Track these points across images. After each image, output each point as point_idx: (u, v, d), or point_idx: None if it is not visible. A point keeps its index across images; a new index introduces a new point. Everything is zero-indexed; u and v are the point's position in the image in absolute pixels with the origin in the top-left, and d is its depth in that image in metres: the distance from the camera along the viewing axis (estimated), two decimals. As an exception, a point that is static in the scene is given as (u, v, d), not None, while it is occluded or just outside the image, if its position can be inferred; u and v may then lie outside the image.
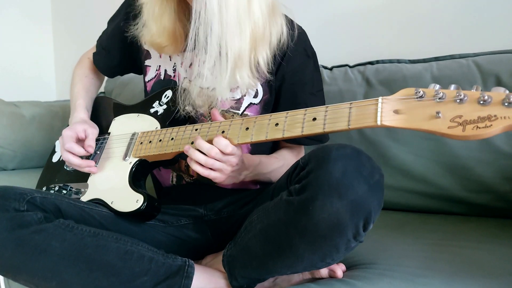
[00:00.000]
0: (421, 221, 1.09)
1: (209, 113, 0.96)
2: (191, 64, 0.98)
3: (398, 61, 1.26)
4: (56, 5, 2.42)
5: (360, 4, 1.44)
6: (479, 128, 0.56)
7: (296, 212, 0.66)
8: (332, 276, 0.79)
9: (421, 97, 0.62)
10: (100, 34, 1.18)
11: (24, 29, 2.32)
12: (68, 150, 0.94)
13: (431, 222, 1.08)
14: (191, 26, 0.82)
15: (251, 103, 0.97)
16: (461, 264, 0.78)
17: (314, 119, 0.72)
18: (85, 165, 0.94)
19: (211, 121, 0.86)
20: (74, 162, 0.94)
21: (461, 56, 1.17)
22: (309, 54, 1.00)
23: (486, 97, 0.56)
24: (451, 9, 1.29)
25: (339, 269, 0.79)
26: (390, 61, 1.28)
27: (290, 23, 0.95)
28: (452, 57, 1.19)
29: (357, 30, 1.45)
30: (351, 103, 0.69)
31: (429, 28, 1.33)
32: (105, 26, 1.17)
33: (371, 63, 1.30)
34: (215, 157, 0.79)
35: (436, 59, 1.21)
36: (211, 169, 0.80)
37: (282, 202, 0.69)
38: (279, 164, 0.96)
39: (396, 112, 0.63)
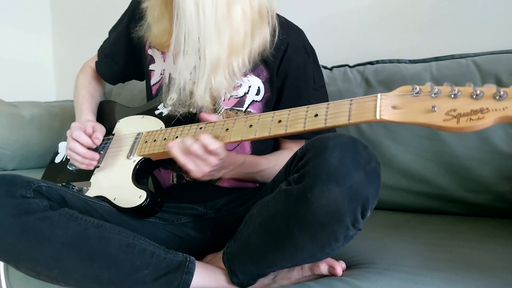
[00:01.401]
0: (420, 221, 1.09)
1: (214, 113, 0.98)
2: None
3: (398, 61, 1.27)
4: (56, 6, 2.42)
5: (360, 4, 1.44)
6: (472, 120, 0.59)
7: (295, 201, 0.66)
8: (331, 273, 0.79)
9: (417, 93, 0.66)
10: (99, 34, 1.20)
11: (24, 29, 2.32)
12: (75, 138, 0.94)
13: (429, 222, 1.08)
14: (173, 30, 0.85)
15: (253, 101, 0.98)
16: (459, 263, 0.79)
17: (316, 115, 0.74)
18: (89, 156, 0.95)
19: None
20: (79, 150, 0.94)
21: (461, 56, 1.17)
22: (308, 51, 1.02)
23: (478, 92, 0.60)
24: (451, 9, 1.29)
25: (339, 266, 0.79)
26: (390, 61, 1.28)
27: (287, 23, 0.96)
28: (452, 57, 1.19)
29: (357, 30, 1.46)
30: (351, 99, 0.71)
31: (429, 28, 1.33)
32: (104, 26, 1.18)
33: (370, 63, 1.31)
34: (195, 152, 0.79)
35: (436, 59, 1.21)
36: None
37: (281, 192, 0.70)
38: (269, 165, 0.96)
39: (394, 107, 0.66)
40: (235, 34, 0.87)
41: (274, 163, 0.97)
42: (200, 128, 0.86)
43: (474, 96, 0.60)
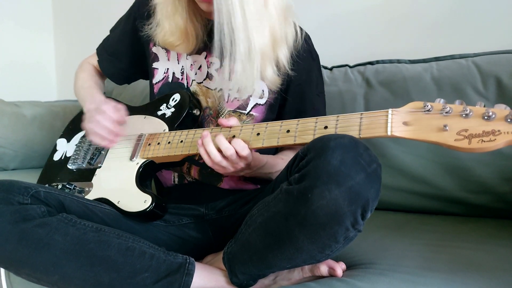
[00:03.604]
0: (420, 221, 1.09)
1: (217, 114, 0.98)
2: (200, 67, 1.00)
3: (398, 61, 1.26)
4: (57, 6, 2.42)
5: (360, 4, 1.44)
6: (484, 141, 0.60)
7: (295, 201, 0.66)
8: (332, 275, 0.79)
9: (428, 110, 0.66)
10: (101, 33, 1.19)
11: (25, 28, 2.32)
12: (105, 110, 0.92)
13: (430, 223, 1.08)
14: (215, 27, 0.83)
15: (257, 104, 0.99)
16: (460, 264, 0.79)
17: (326, 127, 0.75)
18: (117, 130, 0.92)
19: (219, 125, 0.87)
20: (107, 123, 0.91)
21: (461, 56, 1.17)
22: (314, 56, 1.04)
23: (490, 113, 0.61)
24: (451, 10, 1.29)
25: (339, 268, 0.79)
26: (390, 61, 1.28)
27: (297, 26, 0.97)
28: (452, 57, 1.19)
29: (357, 30, 1.46)
30: (361, 113, 0.72)
31: (429, 28, 1.33)
32: (106, 26, 1.17)
33: (371, 63, 1.31)
34: (229, 157, 0.81)
35: (436, 59, 1.21)
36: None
37: (282, 192, 0.70)
38: (284, 165, 0.96)
39: (405, 123, 0.67)
40: (273, 26, 0.88)
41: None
42: None
43: (486, 117, 0.61)
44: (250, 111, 0.98)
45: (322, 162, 0.65)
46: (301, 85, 0.99)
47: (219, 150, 0.81)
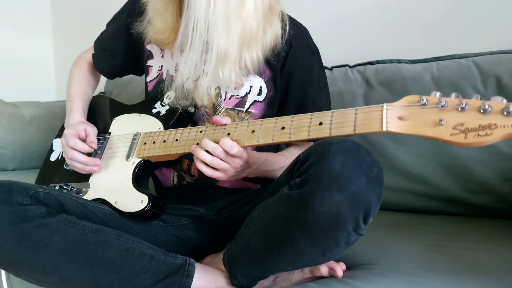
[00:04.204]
0: (421, 221, 1.09)
1: (213, 112, 0.97)
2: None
3: (398, 61, 1.26)
4: (56, 6, 2.42)
5: (360, 4, 1.44)
6: (480, 136, 0.59)
7: (296, 206, 0.66)
8: (332, 275, 0.79)
9: (424, 104, 0.64)
10: (98, 34, 1.18)
11: (24, 29, 2.32)
12: (72, 146, 0.94)
13: (430, 223, 1.08)
14: (182, 22, 0.83)
15: (255, 101, 0.98)
16: (460, 264, 0.78)
17: (321, 123, 0.74)
18: (91, 163, 0.95)
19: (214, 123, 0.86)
20: (80, 159, 0.94)
21: (461, 56, 1.17)
22: (313, 50, 1.02)
23: (486, 106, 0.59)
24: (451, 9, 1.29)
25: (339, 268, 0.79)
26: (390, 61, 1.28)
27: (291, 21, 0.96)
28: (452, 57, 1.19)
29: (357, 30, 1.45)
30: (356, 108, 0.71)
31: (429, 28, 1.33)
32: (103, 27, 1.16)
33: (371, 63, 1.30)
34: (219, 156, 0.80)
35: (436, 59, 1.21)
36: (215, 169, 0.81)
37: (283, 197, 0.70)
38: (287, 162, 0.96)
39: (401, 118, 0.66)
40: (247, 26, 0.85)
41: (291, 159, 0.97)
42: (201, 131, 0.86)
43: (482, 111, 0.59)
44: (248, 108, 0.97)
45: (324, 166, 0.64)
46: (302, 82, 0.98)
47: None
